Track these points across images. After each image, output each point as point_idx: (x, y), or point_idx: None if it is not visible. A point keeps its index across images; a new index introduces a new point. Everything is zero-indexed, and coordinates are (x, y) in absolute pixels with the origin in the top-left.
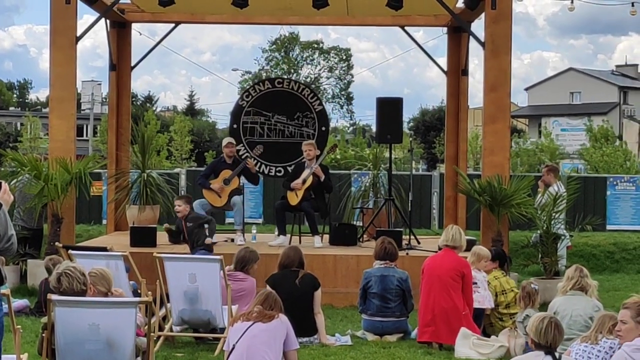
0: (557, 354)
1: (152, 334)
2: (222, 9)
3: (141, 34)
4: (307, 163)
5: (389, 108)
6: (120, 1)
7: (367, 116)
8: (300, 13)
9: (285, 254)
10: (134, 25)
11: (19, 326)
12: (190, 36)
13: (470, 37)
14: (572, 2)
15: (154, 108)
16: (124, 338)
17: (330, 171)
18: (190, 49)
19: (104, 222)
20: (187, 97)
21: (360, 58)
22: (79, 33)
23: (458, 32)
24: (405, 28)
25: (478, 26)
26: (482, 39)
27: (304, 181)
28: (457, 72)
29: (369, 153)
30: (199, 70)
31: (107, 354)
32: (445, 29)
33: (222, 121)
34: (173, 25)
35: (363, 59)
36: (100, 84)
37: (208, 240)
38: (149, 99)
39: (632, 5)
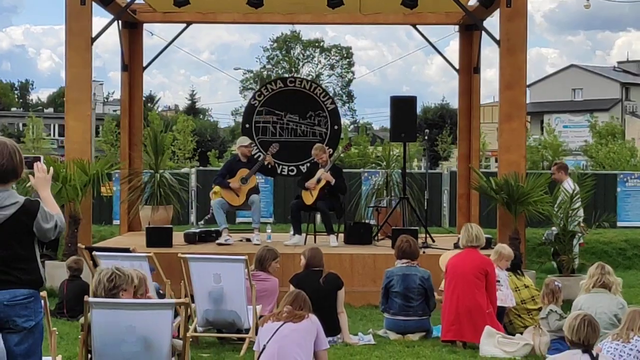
0: (594, 352)
1: (187, 335)
2: (236, 8)
3: (153, 35)
4: (321, 164)
5: (403, 106)
6: (134, 2)
7: (368, 114)
8: (313, 11)
9: (311, 254)
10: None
11: (54, 328)
12: (188, 35)
13: (482, 34)
14: None
15: (156, 108)
16: (160, 340)
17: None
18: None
19: (115, 222)
20: (188, 97)
21: (358, 56)
22: (93, 34)
23: (470, 30)
24: (417, 26)
25: (488, 24)
26: (496, 37)
27: (319, 180)
28: (469, 70)
29: (372, 151)
30: (199, 69)
31: (144, 355)
32: (456, 27)
33: (223, 120)
34: (185, 25)
35: (361, 57)
36: (102, 84)
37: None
38: (151, 99)
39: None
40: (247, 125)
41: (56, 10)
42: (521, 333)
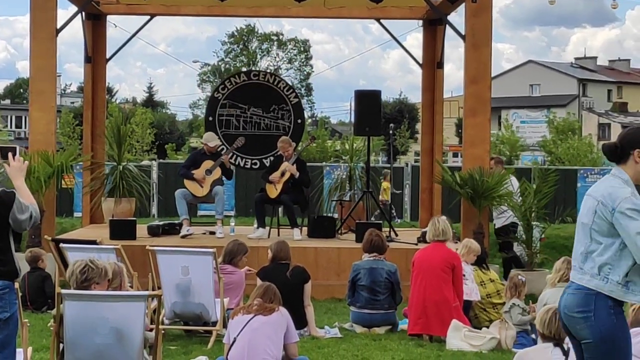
0: (565, 346)
1: (160, 327)
2: (200, 0)
3: (116, 26)
4: (285, 157)
5: (367, 100)
6: None
7: (324, 108)
8: (277, 5)
9: (277, 247)
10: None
11: (26, 320)
12: (145, 27)
13: (447, 29)
14: None
15: (115, 100)
16: (133, 332)
17: None
18: (146, 40)
19: (76, 214)
20: (145, 89)
21: (315, 50)
22: (58, 25)
23: (434, 25)
24: (381, 20)
25: (450, 19)
26: (461, 31)
27: (282, 174)
28: (432, 64)
29: (331, 145)
30: (155, 61)
31: (116, 347)
32: (420, 22)
33: (182, 113)
34: (148, 17)
35: (318, 51)
36: (59, 76)
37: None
38: (109, 91)
39: None
40: (211, 119)
41: (11, 1)
42: (487, 327)
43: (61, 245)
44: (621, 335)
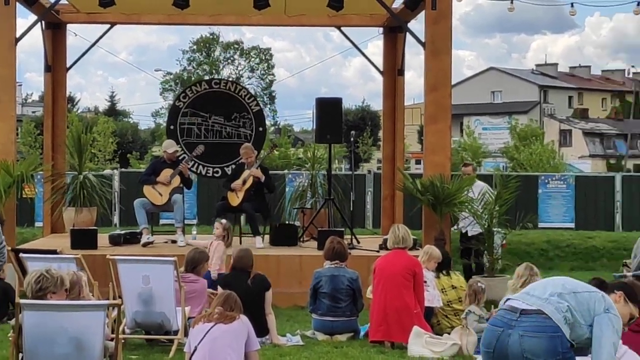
0: None
1: (120, 336)
2: (160, 9)
3: (76, 35)
4: (247, 164)
5: (328, 108)
6: (58, 3)
7: (287, 116)
8: (238, 13)
9: (238, 255)
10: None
11: None
12: (105, 36)
13: (407, 36)
14: (511, 2)
15: (76, 109)
16: (92, 341)
17: None
18: (106, 49)
19: (37, 224)
20: (107, 98)
21: (277, 58)
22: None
23: (394, 32)
24: (341, 28)
25: (411, 26)
26: (421, 39)
27: (244, 182)
28: (393, 72)
29: (293, 153)
30: (117, 70)
31: (75, 357)
32: (380, 29)
33: (144, 122)
34: (109, 26)
35: (280, 59)
36: (20, 85)
37: None
38: (71, 100)
39: None
40: (172, 127)
41: None
42: (448, 333)
43: (21, 255)
44: None
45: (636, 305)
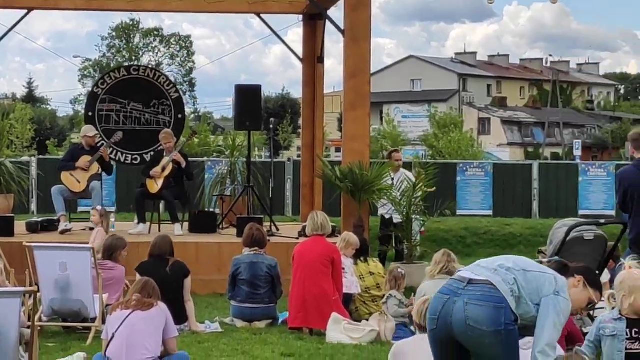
0: None
1: (36, 324)
2: None
3: None
4: (166, 151)
5: (247, 95)
6: None
7: (207, 103)
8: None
9: (156, 242)
10: None
11: None
12: (22, 21)
13: (326, 24)
14: None
15: None
16: (8, 328)
17: None
18: (24, 34)
19: None
20: (25, 85)
21: (197, 45)
22: None
23: (314, 20)
24: (261, 15)
25: (331, 13)
26: (340, 26)
27: (164, 169)
28: (312, 59)
29: (214, 141)
30: (34, 56)
31: None
32: (300, 17)
33: (63, 109)
34: (26, 11)
35: (200, 46)
36: None
37: None
38: None
39: None
40: (90, 114)
41: None
42: (367, 320)
43: None
44: None
45: (597, 290)
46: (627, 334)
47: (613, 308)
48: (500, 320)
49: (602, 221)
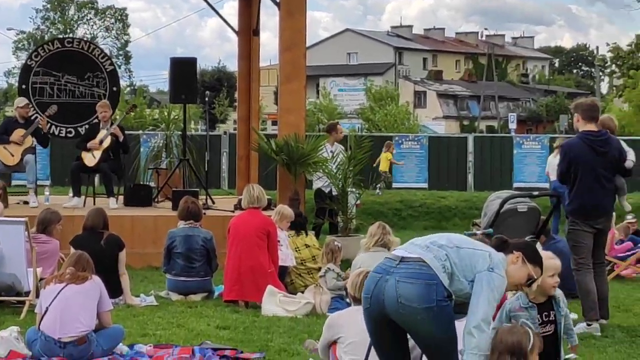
0: None
1: None
2: None
3: None
4: (102, 124)
5: (183, 68)
6: None
7: (143, 76)
8: None
9: (90, 216)
10: None
11: None
12: None
13: None
14: None
15: None
16: None
17: None
18: None
19: None
20: None
21: (132, 18)
22: None
23: None
24: None
25: None
26: None
27: (101, 142)
28: (248, 32)
29: (149, 114)
30: None
31: None
32: None
33: None
34: None
35: (135, 19)
36: None
37: None
38: None
39: None
40: (24, 86)
41: None
42: (302, 292)
43: None
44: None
45: (537, 266)
46: (538, 320)
47: (514, 293)
48: (432, 297)
49: (536, 193)
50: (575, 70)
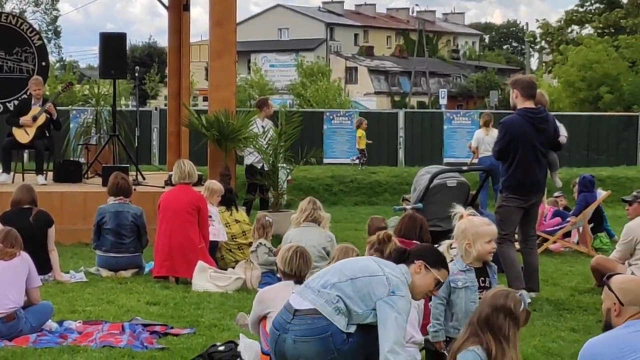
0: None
1: None
2: None
3: None
4: (35, 100)
5: (112, 43)
6: None
7: (73, 52)
8: None
9: (18, 192)
10: None
11: None
12: None
13: None
14: None
15: None
16: None
17: None
18: None
19: None
20: None
21: None
22: None
23: None
24: None
25: None
26: None
27: (35, 119)
28: (178, 7)
29: (79, 90)
30: None
31: None
32: None
33: None
34: None
35: None
36: None
37: None
38: None
39: None
40: None
41: None
42: (233, 267)
43: None
44: None
45: (442, 269)
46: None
47: (451, 260)
48: (330, 348)
49: (465, 168)
50: (505, 47)
